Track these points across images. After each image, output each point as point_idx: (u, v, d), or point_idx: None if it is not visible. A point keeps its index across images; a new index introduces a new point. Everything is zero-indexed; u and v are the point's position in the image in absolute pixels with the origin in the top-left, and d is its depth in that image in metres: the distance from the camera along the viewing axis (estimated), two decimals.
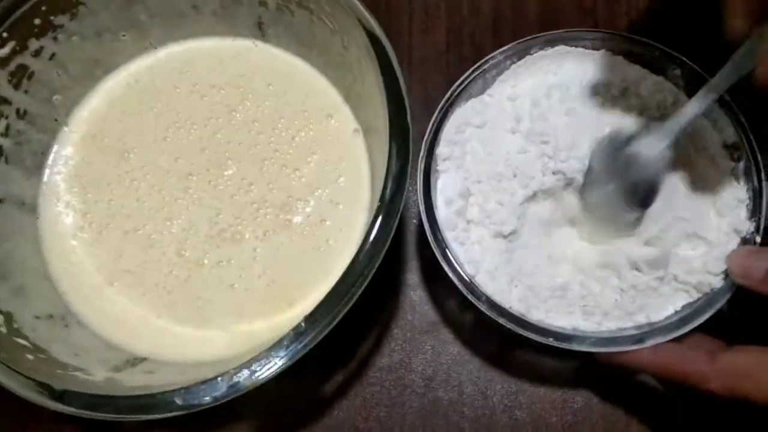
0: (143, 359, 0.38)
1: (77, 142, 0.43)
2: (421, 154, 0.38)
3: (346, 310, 0.31)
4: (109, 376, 0.35)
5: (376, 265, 0.32)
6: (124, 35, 0.42)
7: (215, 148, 0.42)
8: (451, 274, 0.37)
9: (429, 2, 0.51)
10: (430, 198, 0.38)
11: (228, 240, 0.40)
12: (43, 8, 0.38)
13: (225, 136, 0.42)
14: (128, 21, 0.42)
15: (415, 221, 0.46)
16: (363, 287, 0.32)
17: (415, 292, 0.45)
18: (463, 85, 0.40)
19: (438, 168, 0.39)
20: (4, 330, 0.34)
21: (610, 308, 0.37)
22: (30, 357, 0.34)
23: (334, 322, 0.31)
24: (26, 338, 0.35)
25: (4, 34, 0.37)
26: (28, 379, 0.32)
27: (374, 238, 0.32)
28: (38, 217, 0.41)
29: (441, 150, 0.39)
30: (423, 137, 0.39)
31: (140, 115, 0.43)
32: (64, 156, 0.43)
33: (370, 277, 0.32)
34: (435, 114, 0.39)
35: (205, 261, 0.40)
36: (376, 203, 0.33)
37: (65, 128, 0.43)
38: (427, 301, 0.45)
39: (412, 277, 0.45)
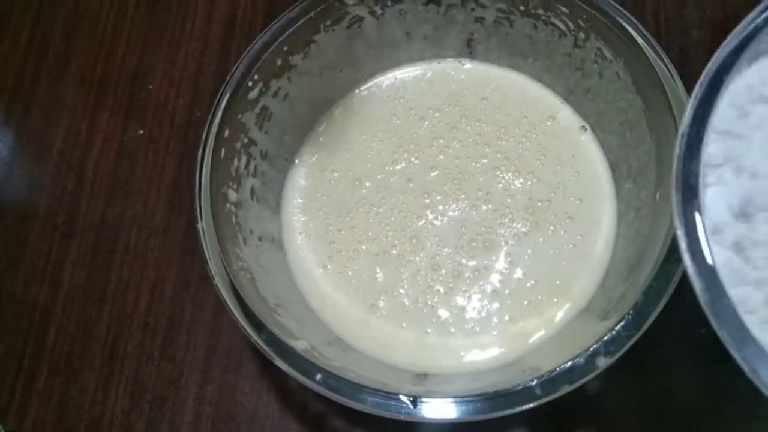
0: (425, 375, 0.38)
1: (308, 177, 0.44)
2: (675, 160, 0.25)
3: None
4: (418, 389, 0.35)
5: None
6: (341, 71, 0.44)
7: (445, 166, 0.43)
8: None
9: None
10: (697, 236, 0.24)
11: (480, 249, 0.41)
12: (285, 48, 0.40)
13: (452, 153, 0.43)
14: (347, 56, 0.43)
15: None
16: None
17: None
18: (743, 34, 0.25)
19: (706, 182, 0.25)
20: (316, 354, 0.35)
21: None
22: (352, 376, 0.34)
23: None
24: (330, 360, 0.35)
25: (255, 77, 0.39)
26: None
27: None
28: (286, 253, 0.42)
29: (711, 150, 0.25)
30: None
31: (363, 144, 0.44)
32: (297, 192, 0.44)
33: None
34: (695, 90, 0.26)
35: (462, 272, 0.41)
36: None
37: (294, 166, 0.44)
38: None
39: None
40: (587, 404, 0.40)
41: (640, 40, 0.36)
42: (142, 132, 0.51)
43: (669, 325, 0.37)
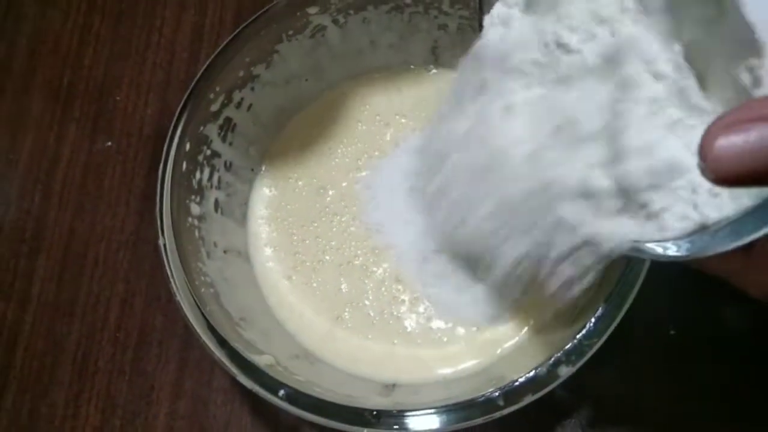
0: (393, 385, 0.38)
1: (273, 187, 0.44)
2: None
3: None
4: (384, 401, 0.35)
5: None
6: (306, 79, 0.44)
7: None
8: None
9: None
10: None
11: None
12: (247, 59, 0.40)
13: None
14: (312, 65, 0.43)
15: None
16: None
17: None
18: None
19: None
20: (280, 369, 0.34)
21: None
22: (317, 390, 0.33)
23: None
24: (296, 374, 0.35)
25: (217, 88, 0.39)
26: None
27: None
28: (252, 265, 0.42)
29: None
30: None
31: (328, 151, 0.44)
32: (262, 203, 0.43)
33: None
34: None
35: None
36: None
37: (260, 176, 0.44)
38: None
39: None
40: (559, 403, 0.40)
41: None
42: (110, 143, 0.50)
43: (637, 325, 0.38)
